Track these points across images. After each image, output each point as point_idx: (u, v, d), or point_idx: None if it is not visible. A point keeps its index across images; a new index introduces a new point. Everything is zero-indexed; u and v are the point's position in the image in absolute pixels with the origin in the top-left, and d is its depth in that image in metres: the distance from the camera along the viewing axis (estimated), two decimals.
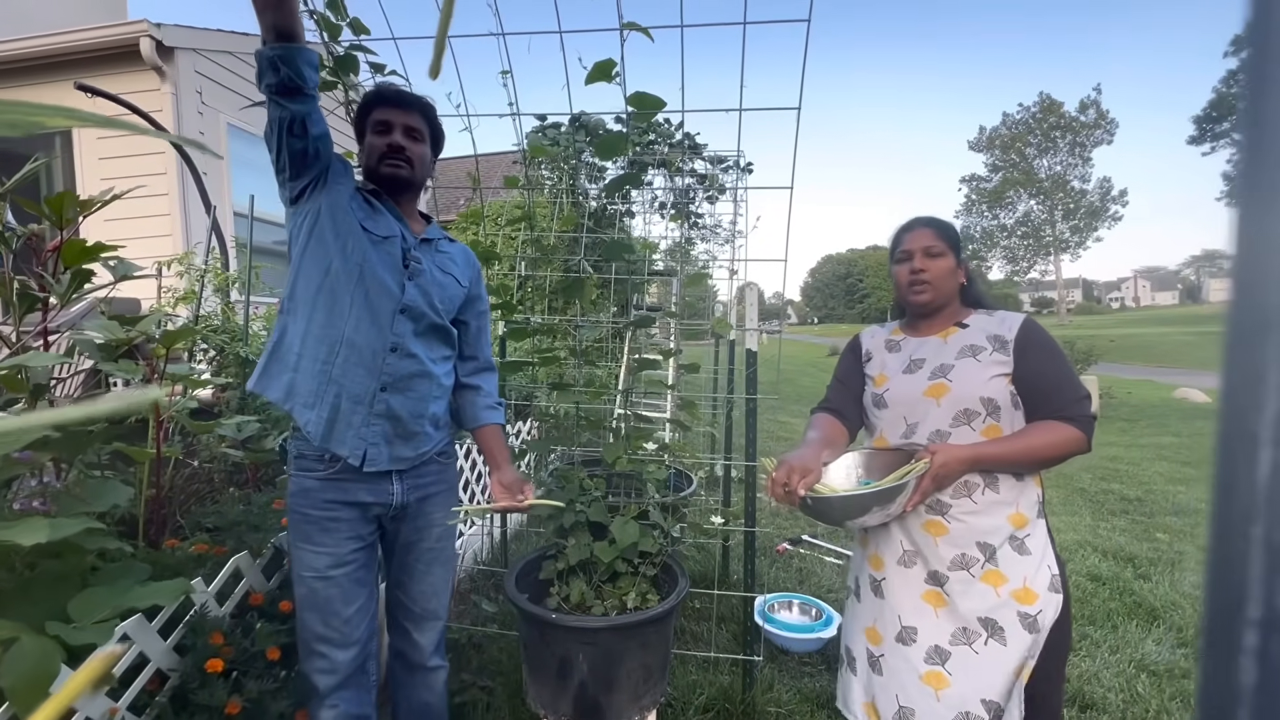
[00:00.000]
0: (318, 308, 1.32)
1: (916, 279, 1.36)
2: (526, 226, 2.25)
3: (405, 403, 1.38)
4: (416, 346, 1.40)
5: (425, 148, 1.44)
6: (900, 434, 1.35)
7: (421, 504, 1.47)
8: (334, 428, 1.32)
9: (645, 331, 3.88)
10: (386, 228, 1.39)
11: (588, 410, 2.32)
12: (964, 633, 1.23)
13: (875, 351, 1.46)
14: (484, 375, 1.61)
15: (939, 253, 1.35)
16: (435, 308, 1.43)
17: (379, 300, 1.34)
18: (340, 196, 1.34)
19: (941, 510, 1.28)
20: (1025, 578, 1.23)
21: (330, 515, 1.35)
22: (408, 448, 1.41)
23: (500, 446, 1.58)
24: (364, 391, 1.34)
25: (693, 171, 3.70)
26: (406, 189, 1.45)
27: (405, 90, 1.47)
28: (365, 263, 1.33)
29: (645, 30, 1.64)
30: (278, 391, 1.33)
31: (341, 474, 1.35)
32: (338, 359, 1.32)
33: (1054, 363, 1.25)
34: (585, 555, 1.91)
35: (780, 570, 3.27)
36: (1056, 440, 1.20)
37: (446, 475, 1.55)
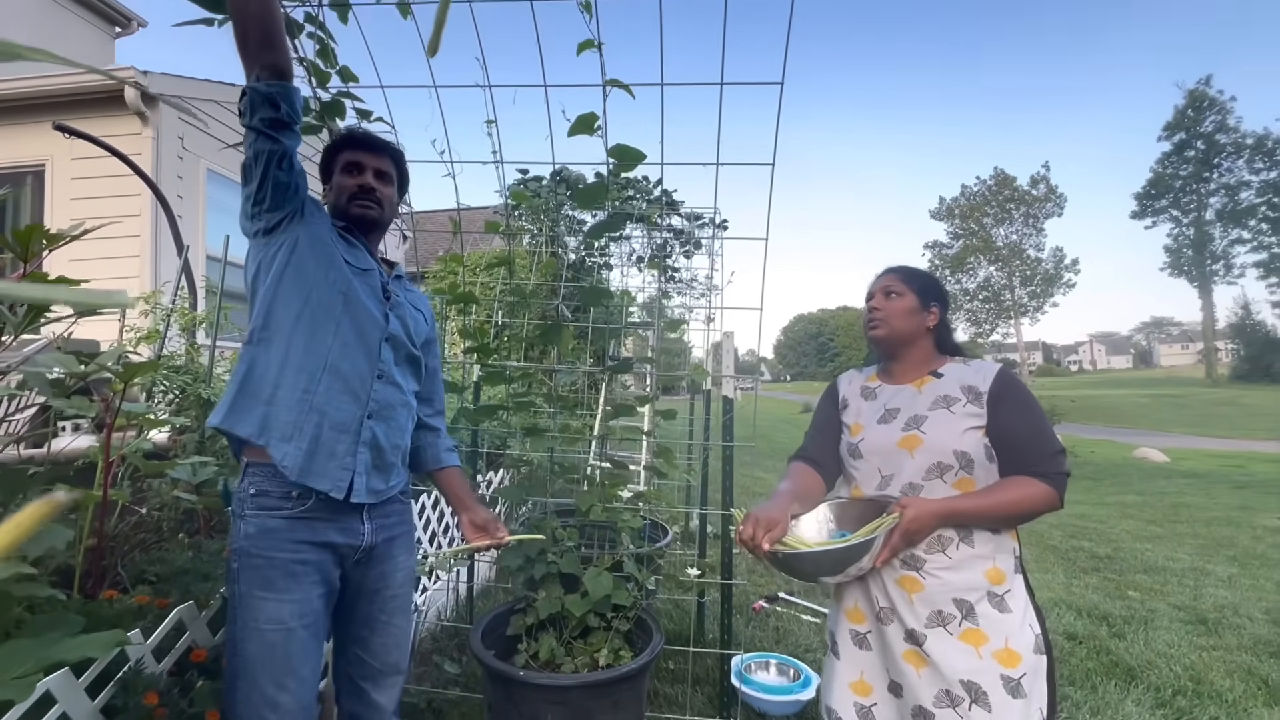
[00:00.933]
0: (297, 336, 1.29)
1: (872, 316, 1.40)
2: (506, 272, 2.27)
3: (387, 432, 1.36)
4: (399, 375, 1.40)
5: (393, 190, 1.48)
6: (875, 485, 1.34)
7: (388, 546, 1.41)
8: (314, 459, 1.26)
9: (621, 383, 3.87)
10: (365, 261, 1.40)
11: (562, 457, 2.28)
12: (947, 695, 1.19)
13: (851, 399, 1.47)
14: (440, 418, 1.61)
15: (898, 293, 1.39)
16: (412, 339, 1.44)
17: (367, 327, 1.34)
18: (320, 229, 1.34)
19: (916, 566, 1.25)
20: (1007, 637, 1.19)
21: (299, 558, 1.26)
22: (381, 480, 1.36)
23: (466, 487, 1.55)
24: (349, 419, 1.30)
25: (669, 227, 3.81)
26: (375, 228, 1.47)
27: (375, 135, 1.50)
28: (350, 291, 1.32)
29: (627, 87, 1.72)
30: (250, 426, 1.26)
31: (312, 512, 1.28)
32: (320, 387, 1.28)
33: (1028, 416, 1.25)
34: (556, 609, 1.82)
35: (757, 629, 3.17)
36: (1029, 496, 1.19)
37: (408, 516, 1.52)
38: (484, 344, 2.16)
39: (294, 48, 1.76)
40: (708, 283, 3.95)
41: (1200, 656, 2.94)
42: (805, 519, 1.34)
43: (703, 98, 1.74)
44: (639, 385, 4.09)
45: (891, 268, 1.45)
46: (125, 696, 1.26)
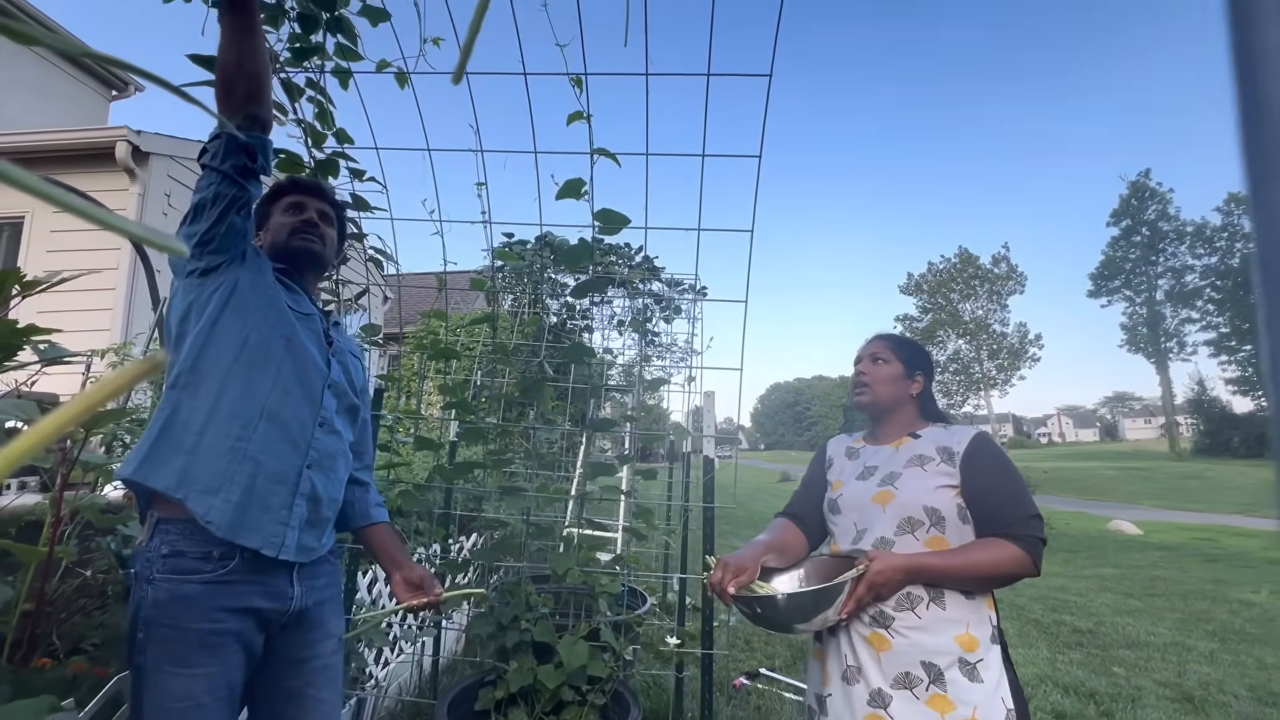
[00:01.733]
0: (231, 380, 1.20)
1: (859, 380, 1.45)
2: (489, 329, 2.28)
3: (326, 484, 1.28)
4: (339, 423, 1.34)
5: (334, 232, 1.47)
6: (851, 539, 1.34)
7: (318, 610, 1.29)
8: (246, 513, 1.15)
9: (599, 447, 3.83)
10: (306, 306, 1.37)
11: (538, 518, 2.22)
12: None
13: (837, 458, 1.50)
14: (369, 473, 1.55)
15: (884, 360, 1.43)
16: (353, 386, 1.41)
17: (309, 373, 1.28)
18: (262, 273, 1.30)
19: (885, 623, 1.22)
20: (975, 708, 1.14)
21: (217, 628, 1.12)
22: (314, 536, 1.27)
23: (397, 542, 1.45)
24: (287, 469, 1.21)
25: (650, 292, 3.89)
26: (316, 265, 1.44)
27: (315, 180, 1.53)
28: (293, 335, 1.28)
29: (613, 156, 1.81)
30: (166, 478, 1.13)
31: (235, 574, 1.14)
32: (255, 434, 1.18)
33: (1003, 479, 1.26)
34: (528, 681, 1.72)
35: (738, 708, 3.02)
36: (1001, 558, 1.18)
37: (337, 578, 1.41)
38: (463, 400, 2.13)
39: (293, 110, 1.83)
40: (687, 347, 4.01)
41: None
42: (780, 577, 1.35)
43: (685, 166, 1.84)
44: (616, 449, 4.05)
45: (881, 335, 1.51)
46: None
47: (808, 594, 1.17)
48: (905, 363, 1.43)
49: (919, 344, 1.51)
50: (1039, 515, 1.24)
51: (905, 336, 1.52)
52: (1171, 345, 41.58)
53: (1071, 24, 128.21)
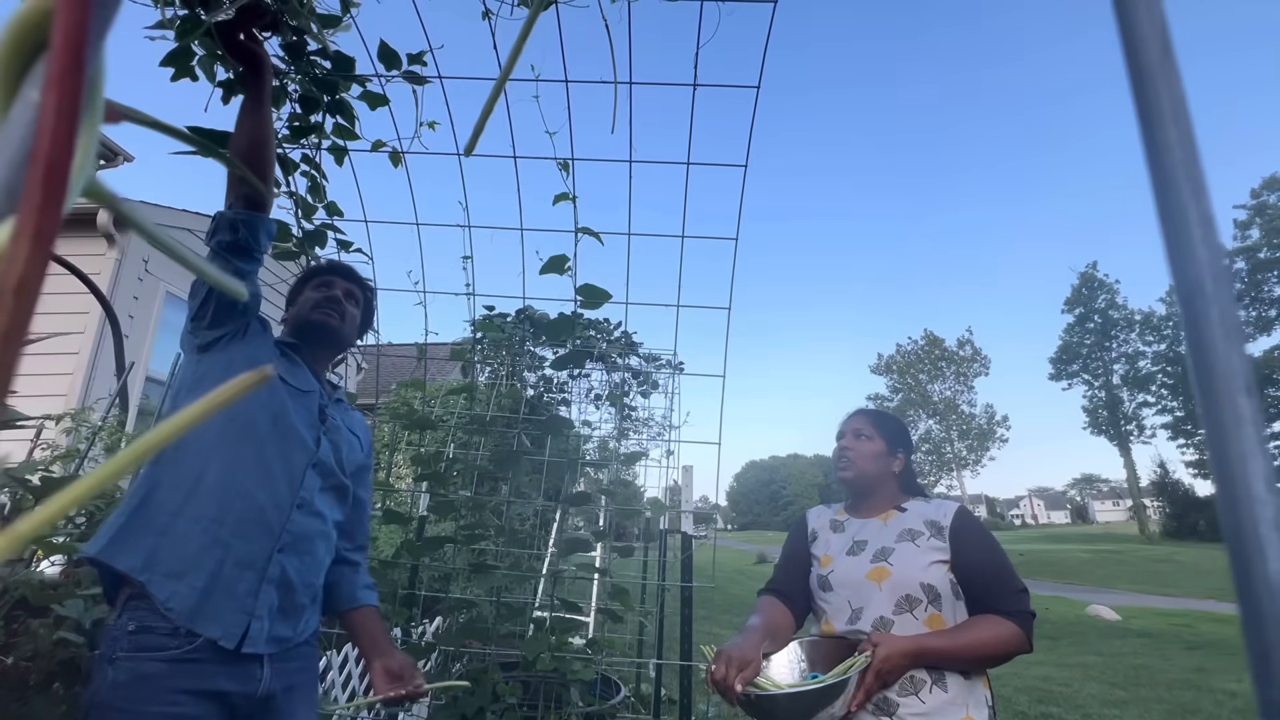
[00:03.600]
0: (212, 459, 1.18)
1: (842, 455, 1.46)
2: (466, 399, 2.26)
3: (300, 568, 1.23)
4: (322, 504, 1.30)
5: (357, 313, 1.50)
6: (846, 619, 1.31)
7: (287, 695, 1.21)
8: (209, 600, 1.10)
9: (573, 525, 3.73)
10: (306, 382, 1.37)
11: (509, 599, 2.12)
12: None
13: (820, 531, 1.48)
14: (363, 554, 1.50)
15: (867, 436, 1.45)
16: (342, 465, 1.37)
17: (292, 452, 1.26)
18: (259, 350, 1.32)
19: (889, 711, 1.19)
20: None
21: (178, 711, 1.05)
22: (288, 625, 1.21)
23: (380, 629, 1.40)
24: (258, 554, 1.16)
25: (628, 367, 3.93)
26: (331, 341, 1.46)
27: (342, 266, 1.57)
28: (281, 412, 1.27)
29: (597, 235, 1.88)
30: (133, 559, 1.09)
31: (200, 653, 1.09)
32: (230, 516, 1.15)
33: (989, 552, 1.28)
34: None
35: None
36: (999, 636, 1.18)
37: (313, 664, 1.34)
38: (435, 471, 2.08)
39: (286, 183, 1.88)
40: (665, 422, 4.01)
41: None
42: (776, 659, 1.29)
43: (665, 246, 1.92)
44: (591, 526, 3.95)
45: (863, 410, 1.54)
46: None
47: (819, 689, 1.12)
48: (887, 440, 1.45)
49: (899, 420, 1.54)
50: (1025, 589, 1.26)
51: (886, 412, 1.54)
52: (1131, 429, 42.86)
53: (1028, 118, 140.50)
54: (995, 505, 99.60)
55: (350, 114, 1.79)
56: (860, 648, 1.18)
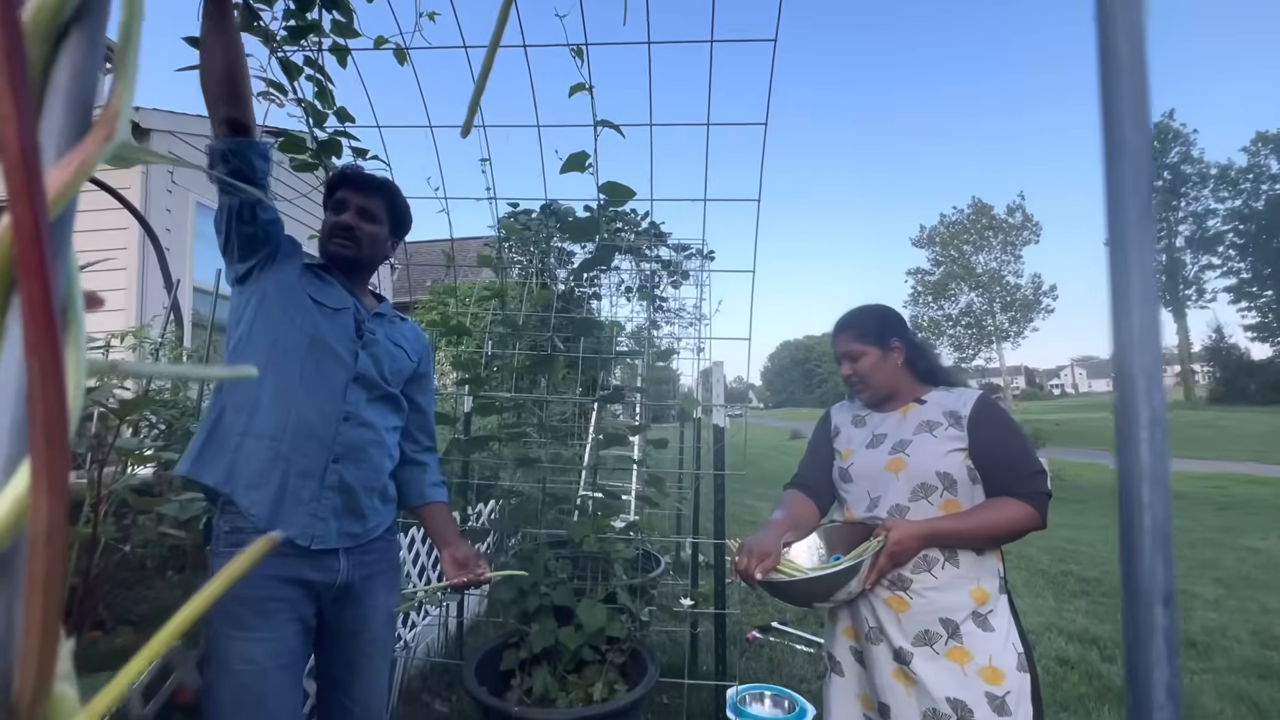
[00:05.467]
0: (265, 384, 1.28)
1: (850, 382, 1.46)
2: (499, 304, 2.30)
3: (358, 474, 1.34)
4: (370, 414, 1.38)
5: (380, 228, 1.46)
6: (865, 508, 1.38)
7: (366, 584, 1.38)
8: (281, 507, 1.25)
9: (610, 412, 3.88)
10: (338, 300, 1.40)
11: (553, 488, 2.28)
12: (934, 714, 1.21)
13: (843, 427, 1.52)
14: (430, 454, 1.60)
15: (860, 353, 1.43)
16: (386, 377, 1.43)
17: (331, 369, 1.33)
18: (289, 273, 1.35)
19: (903, 586, 1.28)
20: (991, 656, 1.22)
21: (270, 595, 1.24)
22: (357, 523, 1.35)
23: (449, 522, 1.54)
24: (315, 465, 1.29)
25: (657, 258, 3.87)
26: (354, 268, 1.46)
27: (369, 174, 1.49)
28: (315, 332, 1.32)
29: (617, 127, 1.78)
30: (216, 474, 1.25)
31: (283, 548, 1.26)
32: (287, 433, 1.27)
33: (1009, 438, 1.30)
34: (550, 642, 1.81)
35: (750, 660, 3.14)
36: (1011, 517, 1.23)
37: (391, 554, 1.49)
38: (476, 375, 2.17)
39: (293, 89, 1.81)
40: (696, 312, 4.01)
41: (1191, 680, 2.96)
42: (798, 546, 1.38)
43: (690, 136, 1.81)
44: (628, 414, 4.10)
45: (842, 325, 1.48)
46: None
47: (833, 573, 1.21)
48: (877, 341, 1.42)
49: (878, 310, 1.49)
50: (1044, 470, 1.29)
51: (862, 311, 1.48)
52: (1190, 293, 40.79)
53: None
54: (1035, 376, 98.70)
55: (346, 8, 1.67)
56: (875, 532, 1.25)
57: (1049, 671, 2.98)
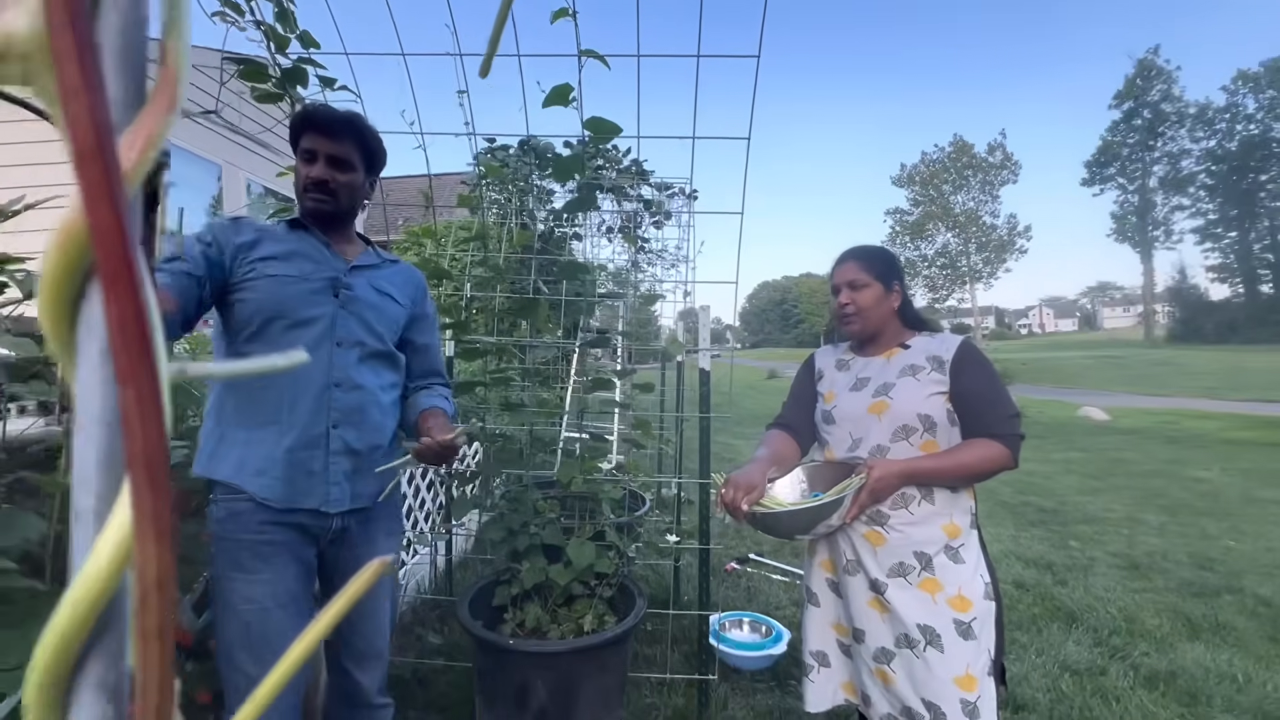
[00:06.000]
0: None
1: (844, 312, 1.45)
2: (479, 246, 2.24)
3: (360, 436, 1.35)
4: (362, 376, 1.36)
5: (354, 175, 1.38)
6: (846, 448, 1.42)
7: (364, 528, 1.40)
8: (295, 485, 1.27)
9: (592, 354, 3.88)
10: (306, 265, 1.34)
11: (540, 431, 2.30)
12: (906, 639, 1.29)
13: (827, 370, 1.54)
14: (428, 378, 1.55)
15: (863, 284, 1.42)
16: (375, 332, 1.39)
17: (311, 339, 1.30)
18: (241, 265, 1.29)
19: (881, 521, 1.34)
20: (960, 586, 1.30)
21: (267, 539, 1.27)
22: (366, 483, 1.37)
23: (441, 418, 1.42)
24: (315, 435, 1.30)
25: (639, 197, 3.78)
26: (333, 221, 1.40)
27: (335, 114, 1.37)
28: (288, 310, 1.29)
29: (602, 58, 1.69)
30: (227, 469, 1.27)
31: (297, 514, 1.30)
32: (283, 412, 1.28)
33: (987, 382, 1.34)
34: (540, 579, 1.87)
35: (729, 589, 3.30)
36: (986, 457, 1.28)
37: (392, 499, 1.51)
38: (459, 320, 2.14)
39: (250, 10, 1.67)
40: (678, 253, 3.96)
41: (1133, 599, 3.20)
42: (781, 482, 1.43)
43: (678, 70, 1.73)
44: (608, 356, 4.10)
45: (851, 254, 1.48)
46: None
47: (815, 507, 1.25)
48: (881, 279, 1.43)
49: (886, 252, 1.50)
50: (1018, 414, 1.35)
51: (870, 248, 1.49)
52: (1158, 234, 41.53)
53: None
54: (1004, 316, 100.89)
55: None
56: (856, 470, 1.30)
57: (1006, 595, 3.20)
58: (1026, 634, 2.81)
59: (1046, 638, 2.76)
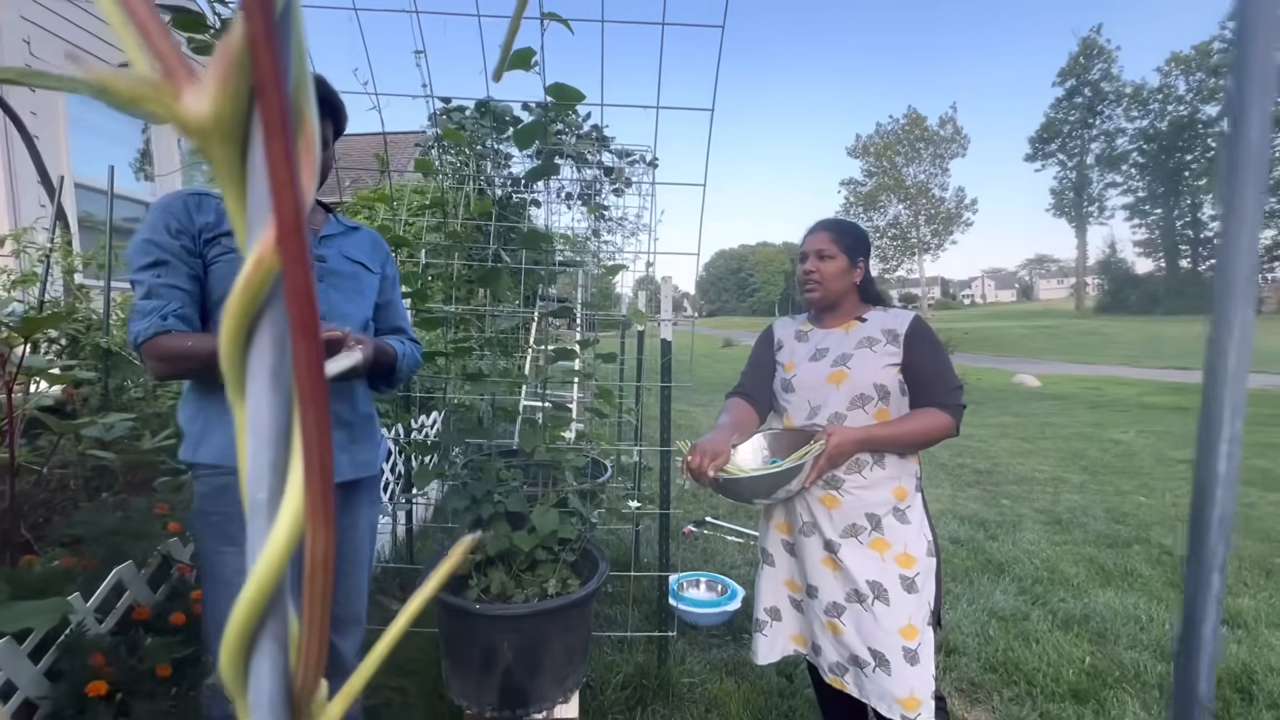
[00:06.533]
0: None
1: (808, 278, 1.51)
2: (439, 212, 2.18)
3: (349, 407, 1.35)
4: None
5: (328, 150, 1.35)
6: (805, 415, 1.49)
7: (348, 499, 1.40)
8: None
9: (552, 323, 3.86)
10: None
11: (502, 400, 2.30)
12: (855, 593, 1.39)
13: (786, 341, 1.60)
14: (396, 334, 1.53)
15: (830, 256, 1.48)
16: (354, 303, 1.37)
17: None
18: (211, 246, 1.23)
19: (835, 485, 1.43)
20: (905, 544, 1.40)
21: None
22: (364, 450, 1.37)
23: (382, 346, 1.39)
24: None
25: (600, 164, 3.73)
26: None
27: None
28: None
29: (565, 22, 1.66)
30: (214, 453, 1.23)
31: None
32: None
33: (935, 356, 1.43)
34: (505, 546, 1.90)
35: (687, 551, 3.42)
36: (933, 425, 1.38)
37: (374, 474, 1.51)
38: (419, 289, 2.10)
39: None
40: (638, 221, 3.95)
41: (1055, 551, 3.48)
42: (742, 448, 1.49)
43: (642, 38, 1.71)
44: (570, 325, 4.10)
45: (825, 225, 1.53)
46: (69, 660, 1.23)
47: (778, 472, 1.31)
48: (848, 252, 1.49)
49: (857, 227, 1.55)
50: (961, 386, 1.44)
51: (844, 222, 1.55)
52: (1092, 210, 43.56)
53: None
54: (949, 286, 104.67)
55: None
56: (816, 436, 1.37)
57: (944, 550, 3.41)
58: (960, 585, 3.03)
59: (977, 588, 2.99)
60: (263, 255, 0.11)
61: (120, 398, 2.06)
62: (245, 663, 0.13)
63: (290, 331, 0.12)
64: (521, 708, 1.73)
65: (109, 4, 0.10)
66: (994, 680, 2.24)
